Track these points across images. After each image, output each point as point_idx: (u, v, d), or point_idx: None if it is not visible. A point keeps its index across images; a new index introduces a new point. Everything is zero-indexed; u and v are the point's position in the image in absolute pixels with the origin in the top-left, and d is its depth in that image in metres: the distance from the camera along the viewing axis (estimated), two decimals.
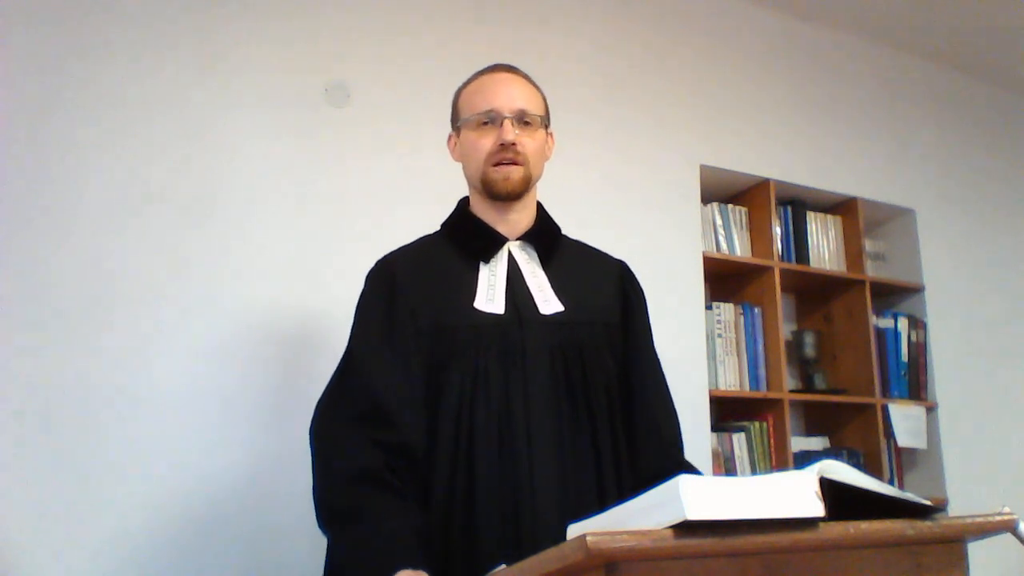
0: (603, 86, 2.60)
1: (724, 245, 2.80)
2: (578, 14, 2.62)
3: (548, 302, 1.38)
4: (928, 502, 0.99)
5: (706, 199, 2.78)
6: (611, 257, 1.55)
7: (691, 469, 1.37)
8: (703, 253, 2.66)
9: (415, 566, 1.12)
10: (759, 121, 2.89)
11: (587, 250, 1.55)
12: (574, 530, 0.93)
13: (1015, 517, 1.00)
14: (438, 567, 1.17)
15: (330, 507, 1.24)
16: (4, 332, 1.73)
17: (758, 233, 2.85)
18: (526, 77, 1.47)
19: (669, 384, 1.48)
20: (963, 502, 2.88)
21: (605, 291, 1.47)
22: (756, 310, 2.77)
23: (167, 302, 1.88)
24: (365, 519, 1.19)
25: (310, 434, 1.34)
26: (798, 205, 2.98)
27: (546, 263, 1.44)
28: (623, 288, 1.49)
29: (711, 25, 2.89)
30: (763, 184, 2.85)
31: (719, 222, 2.81)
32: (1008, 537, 1.00)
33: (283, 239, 2.03)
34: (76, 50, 1.90)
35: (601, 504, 1.27)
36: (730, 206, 2.86)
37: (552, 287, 1.40)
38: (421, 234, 1.52)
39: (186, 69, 2.01)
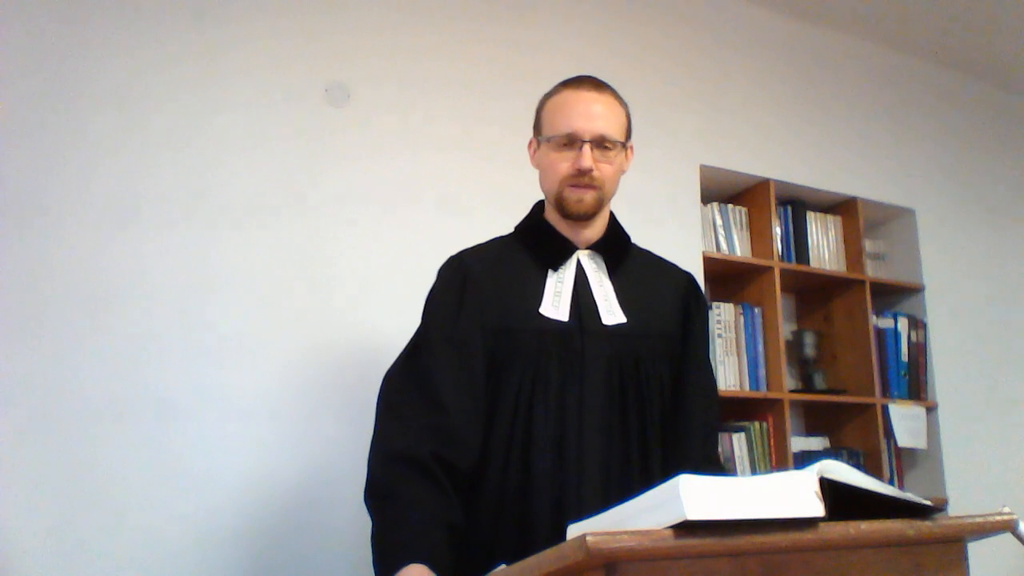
0: None
1: (724, 245, 2.80)
2: (578, 14, 2.62)
3: (612, 313, 1.43)
4: (928, 502, 0.99)
5: (706, 199, 2.78)
6: (679, 269, 1.59)
7: None
8: (703, 253, 2.66)
9: (426, 561, 1.17)
10: (759, 121, 2.89)
11: (655, 261, 1.60)
12: (574, 530, 0.93)
13: (1015, 517, 1.00)
14: (484, 559, 1.21)
15: (373, 481, 1.32)
16: (4, 333, 1.73)
17: (758, 233, 2.85)
18: (612, 93, 1.48)
19: None
20: (963, 502, 2.88)
21: (668, 303, 1.51)
22: (756, 310, 2.77)
23: (166, 303, 1.88)
24: (398, 501, 1.26)
25: (377, 405, 1.41)
26: (798, 205, 2.98)
27: (613, 272, 1.48)
28: (686, 300, 1.53)
29: (711, 25, 2.89)
30: (763, 184, 2.85)
31: (719, 222, 2.81)
32: (1008, 537, 1.01)
33: (282, 239, 2.03)
34: (75, 51, 1.90)
35: None
36: (730, 206, 2.86)
37: (617, 297, 1.45)
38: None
39: (185, 69, 2.01)
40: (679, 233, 2.62)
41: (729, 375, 2.67)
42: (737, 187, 2.89)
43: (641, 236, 2.53)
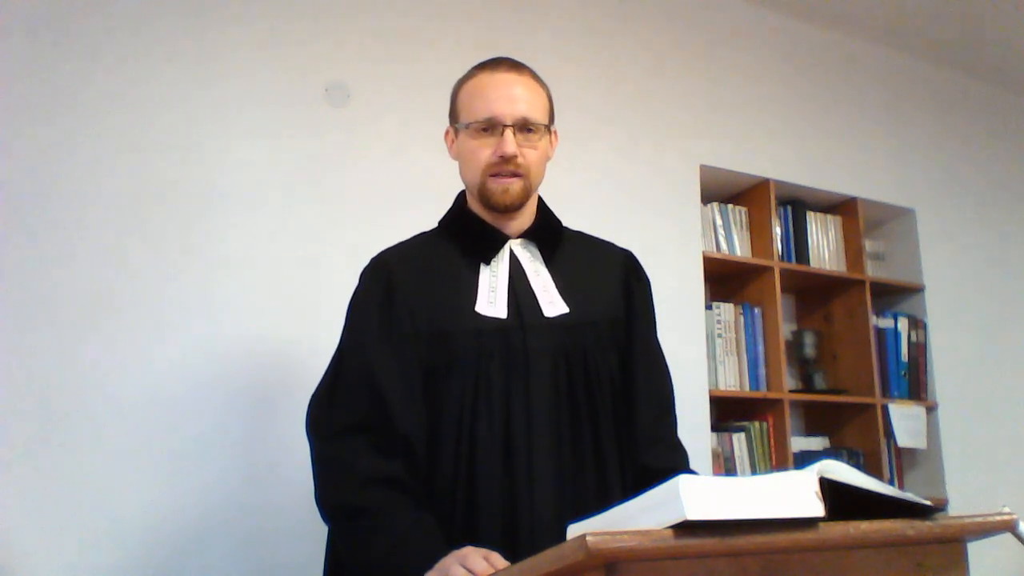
0: (603, 86, 2.60)
1: (724, 245, 2.80)
2: (578, 14, 2.62)
3: (553, 303, 1.34)
4: (928, 502, 0.99)
5: (706, 199, 2.78)
6: (616, 247, 1.51)
7: (681, 471, 1.36)
8: (703, 253, 2.66)
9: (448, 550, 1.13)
10: (759, 121, 2.89)
11: (591, 242, 1.50)
12: (574, 530, 0.92)
13: (1015, 517, 1.00)
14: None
15: (350, 506, 1.22)
16: (4, 332, 1.73)
17: (758, 233, 2.85)
18: (531, 74, 1.39)
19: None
20: (963, 502, 2.88)
21: (610, 285, 1.43)
22: (756, 310, 2.77)
23: (167, 303, 1.88)
24: (399, 515, 1.19)
25: (309, 433, 1.33)
26: (798, 205, 2.98)
27: (549, 260, 1.39)
28: (626, 280, 1.45)
29: (711, 25, 2.89)
30: (763, 184, 2.85)
31: (719, 222, 2.81)
32: (1008, 537, 1.00)
33: (283, 239, 2.03)
34: (75, 52, 1.90)
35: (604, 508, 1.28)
36: (730, 206, 2.86)
37: (556, 286, 1.36)
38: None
39: (186, 70, 2.01)
40: (679, 233, 2.62)
41: (729, 375, 2.67)
42: (737, 187, 2.89)
43: (641, 236, 2.55)
